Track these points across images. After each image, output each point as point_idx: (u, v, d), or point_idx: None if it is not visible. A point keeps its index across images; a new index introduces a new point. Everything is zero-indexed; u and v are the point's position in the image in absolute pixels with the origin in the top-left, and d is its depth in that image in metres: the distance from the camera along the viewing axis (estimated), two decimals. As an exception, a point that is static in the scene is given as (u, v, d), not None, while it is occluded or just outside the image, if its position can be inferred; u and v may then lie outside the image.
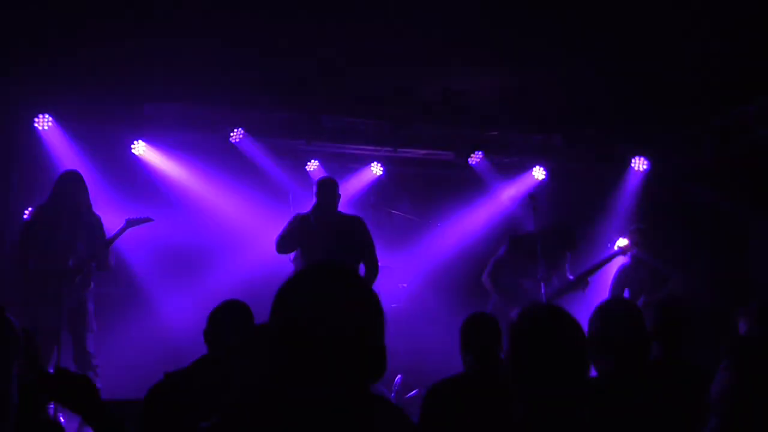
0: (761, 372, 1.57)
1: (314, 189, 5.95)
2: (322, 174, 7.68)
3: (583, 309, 4.06)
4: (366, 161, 8.11)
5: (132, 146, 7.33)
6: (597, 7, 4.99)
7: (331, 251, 5.54)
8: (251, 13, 5.24)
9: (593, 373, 2.93)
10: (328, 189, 5.90)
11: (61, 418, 5.59)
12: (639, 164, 8.01)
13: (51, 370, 4.95)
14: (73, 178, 6.20)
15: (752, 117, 6.63)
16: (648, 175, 8.07)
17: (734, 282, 6.59)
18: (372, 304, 1.62)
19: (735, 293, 6.27)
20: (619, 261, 6.50)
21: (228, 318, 3.28)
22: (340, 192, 6.04)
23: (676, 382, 2.97)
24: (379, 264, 6.12)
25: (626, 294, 6.34)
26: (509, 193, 8.18)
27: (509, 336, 2.25)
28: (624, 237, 6.49)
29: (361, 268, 5.88)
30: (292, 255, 5.89)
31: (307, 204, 6.11)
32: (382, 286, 6.61)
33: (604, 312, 2.96)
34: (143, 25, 5.50)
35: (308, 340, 1.51)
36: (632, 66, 6.13)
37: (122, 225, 6.11)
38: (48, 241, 6.01)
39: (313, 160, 7.94)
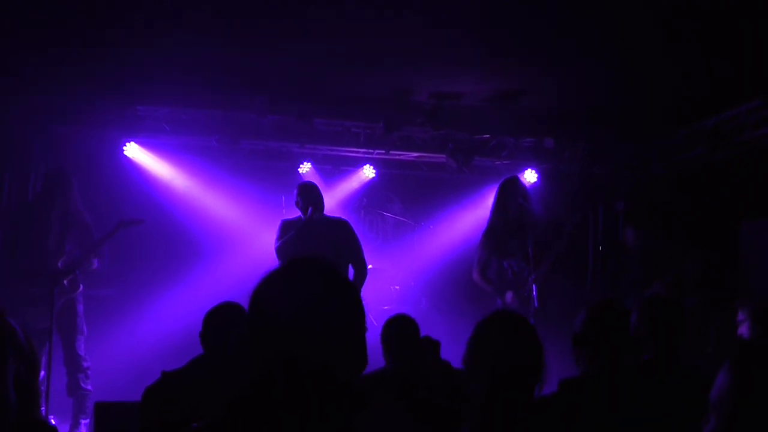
0: (762, 373, 1.58)
1: (295, 195, 5.94)
2: (315, 176, 7.71)
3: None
4: (359, 163, 8.13)
5: (124, 148, 7.32)
6: (589, 11, 5.01)
7: (317, 254, 5.54)
8: (245, 17, 5.24)
9: (578, 372, 2.96)
10: (309, 193, 5.91)
11: (52, 420, 5.58)
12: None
13: (42, 372, 4.94)
14: (61, 176, 6.18)
15: (745, 118, 6.68)
16: (639, 176, 8.13)
17: (725, 283, 6.63)
18: (348, 296, 1.61)
19: (726, 294, 6.30)
20: None
21: (224, 320, 3.29)
22: (322, 195, 6.02)
23: (669, 383, 2.99)
24: (372, 266, 6.13)
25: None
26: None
27: (467, 346, 2.31)
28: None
29: (351, 271, 5.90)
30: (282, 261, 5.89)
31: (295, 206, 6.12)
32: (373, 288, 6.64)
33: (589, 312, 2.99)
34: (136, 27, 5.48)
35: (285, 336, 1.51)
36: (624, 69, 6.16)
37: (113, 226, 6.09)
38: (37, 242, 5.99)
39: (306, 162, 7.96)
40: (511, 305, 6.04)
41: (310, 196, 5.89)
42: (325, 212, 6.01)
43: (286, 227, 5.92)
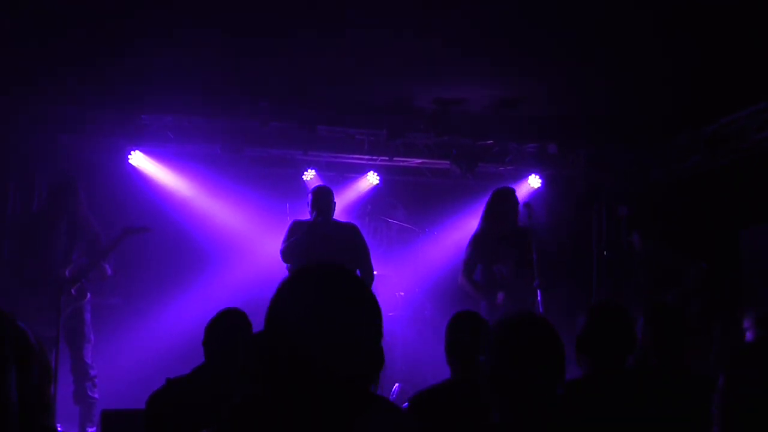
0: (761, 380, 1.58)
1: (309, 197, 6.01)
2: (318, 183, 7.72)
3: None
4: (362, 170, 8.14)
5: (129, 156, 7.35)
6: (589, 19, 5.04)
7: (326, 259, 5.57)
8: (248, 24, 5.27)
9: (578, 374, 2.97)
10: (323, 197, 5.97)
11: (59, 428, 5.59)
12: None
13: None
14: (67, 185, 6.21)
15: (745, 124, 6.67)
16: (640, 181, 8.13)
17: (727, 289, 6.62)
18: (367, 303, 1.60)
19: (727, 300, 6.29)
20: None
21: (226, 327, 3.29)
22: (335, 200, 6.09)
23: (673, 388, 2.99)
24: (376, 272, 6.15)
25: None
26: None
27: (489, 343, 2.29)
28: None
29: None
30: (287, 266, 5.93)
31: (304, 213, 6.15)
32: (378, 294, 6.59)
33: (591, 314, 3.01)
34: (140, 37, 5.52)
35: (303, 342, 1.51)
36: (625, 75, 6.18)
37: (118, 234, 6.11)
38: (45, 251, 6.02)
39: (309, 170, 7.97)
40: (501, 306, 5.93)
41: (318, 200, 5.95)
42: (334, 218, 6.06)
43: (295, 228, 5.97)
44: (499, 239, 6.10)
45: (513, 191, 6.34)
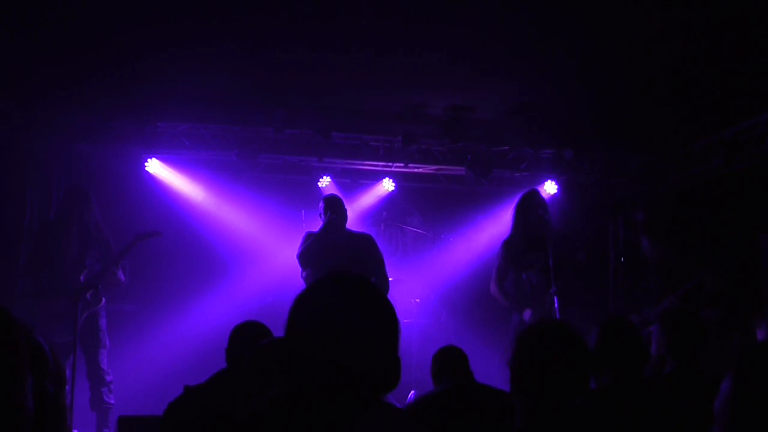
0: (762, 378, 1.55)
1: (321, 207, 6.02)
2: (334, 190, 7.74)
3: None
4: (378, 177, 8.14)
5: (145, 164, 7.40)
6: (607, 22, 5.02)
7: (341, 269, 5.58)
8: (262, 31, 5.30)
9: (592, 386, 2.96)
10: (334, 207, 5.99)
11: (76, 434, 5.63)
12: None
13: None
14: (79, 193, 6.28)
15: (764, 128, 6.61)
16: (657, 187, 8.08)
17: (745, 295, 6.55)
18: (386, 314, 1.62)
19: (746, 306, 6.23)
20: None
21: (250, 336, 3.30)
22: (347, 208, 6.10)
23: (689, 396, 2.97)
24: (391, 279, 6.14)
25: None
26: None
27: (514, 347, 2.30)
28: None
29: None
30: (303, 273, 5.94)
31: (318, 221, 6.16)
32: (394, 301, 6.59)
33: (603, 328, 3.01)
34: (154, 46, 5.56)
35: (321, 351, 1.52)
36: (641, 80, 6.15)
37: (131, 240, 6.15)
38: (59, 258, 6.08)
39: (325, 176, 7.99)
40: (529, 323, 5.98)
41: (330, 206, 5.97)
42: (348, 227, 6.07)
43: (309, 238, 5.99)
44: (527, 244, 6.07)
45: (536, 192, 6.30)
